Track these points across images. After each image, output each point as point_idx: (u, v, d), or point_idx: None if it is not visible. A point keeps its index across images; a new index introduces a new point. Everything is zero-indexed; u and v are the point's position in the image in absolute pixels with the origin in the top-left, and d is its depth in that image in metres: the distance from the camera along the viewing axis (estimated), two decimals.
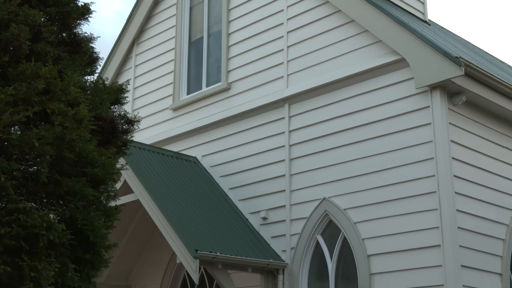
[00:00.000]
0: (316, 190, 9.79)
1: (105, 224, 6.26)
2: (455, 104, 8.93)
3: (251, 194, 10.68)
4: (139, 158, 10.51)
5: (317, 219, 9.67)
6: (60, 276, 5.70)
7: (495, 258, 8.94)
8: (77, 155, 5.96)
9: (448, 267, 8.19)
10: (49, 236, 5.46)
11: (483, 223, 8.92)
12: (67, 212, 5.97)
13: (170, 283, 11.57)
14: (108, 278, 11.75)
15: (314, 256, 9.73)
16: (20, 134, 5.67)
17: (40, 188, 5.82)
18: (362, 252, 9.03)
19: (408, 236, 8.66)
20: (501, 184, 9.42)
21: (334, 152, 9.73)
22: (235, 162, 11.06)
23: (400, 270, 8.64)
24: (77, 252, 6.03)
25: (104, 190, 6.33)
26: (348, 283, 9.27)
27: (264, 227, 10.34)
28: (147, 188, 9.76)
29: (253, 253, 9.69)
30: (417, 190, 8.71)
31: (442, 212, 8.40)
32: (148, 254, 12.04)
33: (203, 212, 10.17)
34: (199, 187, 10.87)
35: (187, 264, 8.80)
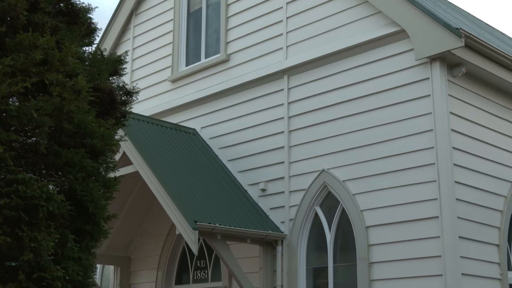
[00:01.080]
0: (315, 161, 9.81)
1: (104, 195, 6.28)
2: (454, 75, 8.90)
3: (250, 166, 10.69)
4: (138, 129, 10.50)
5: (316, 190, 9.70)
6: (60, 247, 5.72)
7: (492, 230, 8.99)
8: (75, 126, 5.95)
9: (446, 238, 8.23)
10: (48, 207, 5.48)
11: (481, 195, 8.95)
12: (66, 183, 5.98)
13: (170, 254, 11.63)
14: (108, 249, 11.82)
15: (313, 227, 9.77)
16: (19, 105, 5.65)
17: (39, 159, 5.82)
18: (360, 224, 9.07)
19: (406, 207, 8.69)
20: (500, 156, 9.43)
21: (333, 123, 9.72)
22: (234, 133, 11.06)
23: (398, 241, 8.68)
24: (77, 223, 6.05)
25: (103, 161, 6.33)
26: (347, 254, 9.33)
27: (263, 199, 10.37)
28: (146, 160, 9.76)
29: (252, 225, 9.73)
30: (416, 161, 8.72)
31: (440, 183, 8.41)
32: (147, 226, 12.10)
33: (202, 184, 10.20)
34: (198, 158, 10.88)
35: (186, 235, 8.84)
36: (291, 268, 9.68)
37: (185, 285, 11.41)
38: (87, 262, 6.17)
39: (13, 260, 5.70)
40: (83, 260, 6.07)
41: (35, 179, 5.70)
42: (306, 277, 9.64)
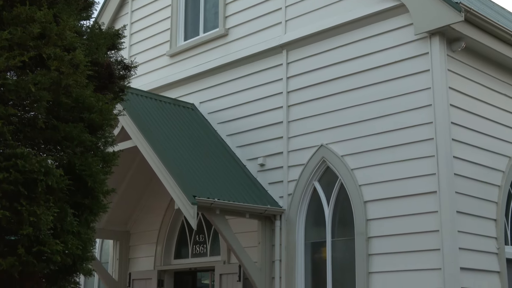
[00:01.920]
0: (314, 136, 9.80)
1: (103, 170, 6.28)
2: (454, 50, 8.86)
3: (249, 141, 10.69)
4: (137, 104, 10.48)
5: (314, 165, 9.71)
6: (59, 221, 5.74)
7: (490, 204, 9.02)
8: (74, 100, 5.94)
9: (444, 213, 8.26)
10: (47, 181, 5.49)
11: (480, 170, 8.96)
12: (65, 158, 5.98)
13: (169, 228, 11.68)
14: (107, 224, 11.87)
15: (311, 202, 9.80)
16: (16, 79, 5.64)
17: (37, 133, 5.82)
18: (359, 198, 9.09)
19: (405, 182, 8.71)
20: (498, 131, 9.42)
21: (332, 98, 9.71)
22: (233, 108, 11.05)
23: (396, 216, 8.71)
24: (76, 197, 6.06)
25: (102, 136, 6.33)
26: (345, 229, 9.37)
27: (262, 174, 10.39)
28: (144, 135, 9.76)
29: (251, 199, 9.76)
30: (414, 136, 8.72)
31: (439, 158, 8.42)
32: (146, 200, 12.13)
33: (201, 159, 10.20)
34: (197, 133, 10.87)
35: (185, 210, 8.86)
36: (290, 243, 9.73)
37: (184, 259, 11.47)
38: (86, 236, 6.20)
39: (12, 234, 5.73)
40: (82, 234, 6.10)
41: (33, 153, 5.71)
42: (304, 252, 9.69)
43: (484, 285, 8.55)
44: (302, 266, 9.63)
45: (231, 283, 10.15)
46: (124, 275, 11.98)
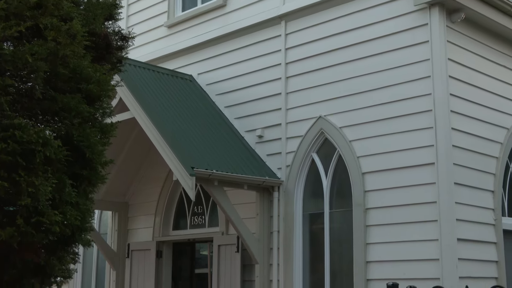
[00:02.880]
0: (312, 108, 9.79)
1: (101, 141, 6.27)
2: (453, 21, 8.81)
3: (247, 112, 10.68)
4: (134, 75, 10.45)
5: (312, 137, 9.71)
6: (58, 192, 5.74)
7: (488, 176, 9.04)
8: (71, 71, 5.90)
9: (442, 185, 8.28)
10: (45, 152, 5.47)
11: (478, 141, 8.97)
12: (62, 129, 5.96)
13: (167, 200, 11.71)
14: (106, 195, 11.90)
15: (309, 173, 9.82)
16: (13, 49, 5.59)
17: (35, 104, 5.79)
18: (357, 170, 9.11)
19: (403, 154, 8.72)
20: (497, 102, 9.41)
21: (330, 70, 9.67)
22: (231, 80, 11.01)
23: (394, 188, 8.73)
24: (74, 168, 6.05)
25: (100, 106, 6.30)
26: (343, 200, 9.40)
27: (260, 145, 10.39)
28: (142, 106, 9.74)
29: (249, 171, 9.77)
30: (413, 108, 8.70)
31: (437, 130, 8.42)
32: (145, 171, 12.14)
33: (199, 130, 10.20)
34: (195, 105, 10.85)
35: (184, 181, 8.88)
36: (288, 214, 9.77)
37: (182, 231, 11.52)
38: (85, 207, 6.21)
39: (11, 205, 5.73)
40: (80, 205, 6.10)
41: (31, 124, 5.69)
42: (302, 223, 9.73)
43: (481, 256, 8.60)
44: (300, 237, 9.68)
45: (230, 254, 10.21)
46: (123, 246, 12.05)
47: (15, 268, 5.81)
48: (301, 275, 9.58)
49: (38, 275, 6.02)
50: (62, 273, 6.25)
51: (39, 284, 6.01)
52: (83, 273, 13.15)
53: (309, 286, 9.59)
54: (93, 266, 12.97)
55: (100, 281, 12.76)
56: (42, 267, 6.02)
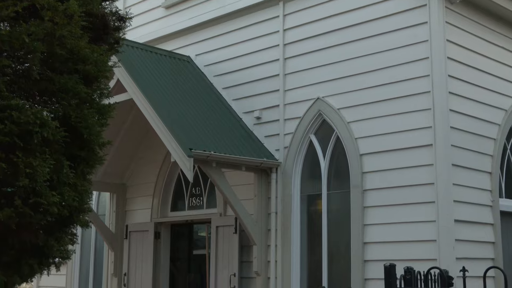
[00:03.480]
0: (310, 89, 9.77)
1: (98, 122, 6.26)
2: (452, 2, 8.77)
3: (245, 94, 10.66)
4: (132, 56, 10.41)
5: (310, 118, 9.70)
6: (55, 173, 5.75)
7: (485, 157, 9.05)
8: (68, 51, 5.88)
9: (439, 166, 8.29)
10: (42, 133, 5.47)
11: (476, 123, 8.97)
12: (60, 110, 5.95)
13: (165, 181, 11.72)
14: (104, 177, 11.91)
15: (307, 155, 9.82)
16: (10, 29, 5.57)
17: (32, 85, 5.78)
18: (354, 151, 9.11)
19: (401, 135, 8.71)
20: (495, 84, 9.40)
21: (328, 51, 9.64)
22: (229, 61, 10.97)
23: (391, 169, 8.74)
24: (72, 149, 6.05)
25: (97, 87, 6.29)
26: (340, 182, 9.41)
27: (258, 127, 10.39)
28: (140, 87, 9.71)
29: (247, 152, 9.78)
30: (411, 89, 8.69)
31: (435, 111, 8.41)
32: (143, 153, 12.14)
33: (197, 112, 10.18)
34: (193, 86, 10.83)
35: (181, 163, 8.88)
36: (286, 195, 9.78)
37: (180, 212, 11.55)
38: (83, 188, 6.22)
39: (8, 186, 5.73)
40: (78, 186, 6.11)
41: (28, 105, 5.68)
42: (300, 204, 9.75)
43: (478, 237, 8.64)
44: (297, 218, 9.70)
45: (228, 235, 10.24)
46: (121, 227, 12.08)
47: (13, 249, 5.83)
48: (299, 256, 9.61)
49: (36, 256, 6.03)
50: (60, 254, 6.27)
51: (37, 265, 6.03)
52: (81, 254, 13.19)
53: (307, 267, 9.64)
54: (91, 247, 13.00)
55: (99, 262, 12.80)
56: (40, 248, 6.03)
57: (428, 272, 6.08)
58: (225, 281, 10.14)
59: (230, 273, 10.07)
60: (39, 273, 6.30)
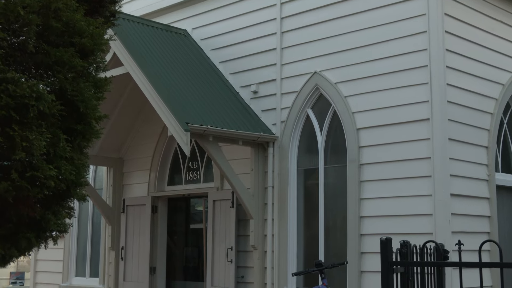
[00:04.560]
0: (307, 63, 9.74)
1: (95, 95, 6.23)
2: None
3: (242, 68, 10.62)
4: (128, 30, 10.34)
5: (307, 92, 9.68)
6: (52, 146, 5.74)
7: (482, 132, 9.06)
8: (64, 24, 5.83)
9: (436, 140, 8.30)
10: (39, 106, 5.45)
11: (473, 97, 8.96)
12: (56, 83, 5.92)
13: (162, 155, 11.72)
14: (101, 151, 11.91)
15: (304, 129, 9.82)
16: (4, 1, 5.52)
17: (27, 58, 5.74)
18: (351, 126, 9.11)
19: (398, 109, 8.71)
20: (493, 58, 9.38)
21: (326, 25, 9.59)
22: (226, 35, 10.92)
23: (388, 143, 8.75)
24: (68, 123, 6.03)
25: (93, 61, 6.25)
26: (337, 156, 9.42)
27: (255, 101, 10.37)
28: (136, 61, 9.67)
29: (244, 126, 9.77)
30: (408, 64, 8.66)
31: (432, 85, 8.40)
32: (139, 127, 12.13)
33: (194, 86, 10.15)
34: (190, 60, 10.78)
35: (178, 137, 8.87)
36: (282, 169, 9.80)
37: (177, 186, 11.57)
38: (80, 162, 6.21)
39: (5, 159, 5.72)
40: (75, 159, 6.10)
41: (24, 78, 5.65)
42: (297, 178, 9.77)
43: (474, 211, 8.68)
44: (294, 192, 9.73)
45: (224, 209, 10.27)
46: (118, 201, 12.10)
47: (10, 222, 5.84)
48: (295, 230, 9.66)
49: (33, 229, 6.05)
50: (58, 227, 6.28)
51: (34, 238, 6.04)
52: (79, 228, 13.24)
53: (303, 240, 9.68)
54: (89, 221, 13.04)
55: (96, 235, 12.85)
56: (38, 222, 6.05)
57: (424, 246, 6.11)
58: (222, 254, 10.19)
59: (227, 247, 10.12)
60: (36, 247, 6.32)
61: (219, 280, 10.22)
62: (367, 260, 8.69)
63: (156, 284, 11.47)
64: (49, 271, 13.54)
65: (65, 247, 13.10)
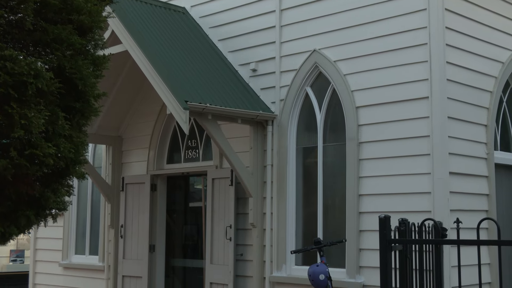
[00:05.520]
0: (307, 41, 9.70)
1: (93, 73, 6.23)
2: None
3: (241, 46, 10.58)
4: (127, 7, 10.29)
5: (307, 71, 9.66)
6: (51, 124, 5.74)
7: (481, 110, 9.05)
8: (62, 1, 5.82)
9: (435, 118, 8.29)
10: (37, 84, 5.44)
11: (472, 75, 8.94)
12: (54, 61, 5.91)
13: (161, 133, 11.72)
14: (100, 129, 11.90)
15: (303, 107, 9.81)
16: None
17: (25, 35, 5.73)
18: (350, 104, 9.10)
19: (397, 88, 8.69)
20: (493, 36, 9.33)
21: (325, 3, 9.54)
22: (225, 12, 10.86)
23: (387, 121, 8.74)
24: (67, 100, 6.04)
25: (92, 38, 6.24)
26: (336, 134, 9.42)
27: (254, 79, 10.34)
28: (135, 38, 9.62)
29: (243, 105, 9.75)
30: (408, 41, 8.63)
31: (432, 64, 8.37)
32: (138, 105, 12.11)
33: (193, 64, 10.12)
34: (188, 38, 10.73)
35: (177, 115, 8.86)
36: (281, 148, 9.80)
37: (176, 164, 11.58)
38: (79, 140, 6.22)
39: (4, 137, 5.73)
40: (74, 137, 6.11)
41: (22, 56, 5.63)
42: (295, 157, 9.77)
43: (472, 189, 8.70)
44: (293, 170, 9.74)
45: (224, 187, 10.29)
46: (117, 179, 12.12)
47: (10, 200, 5.86)
48: (294, 208, 9.68)
49: (33, 207, 6.08)
50: (57, 205, 6.31)
51: (34, 216, 6.07)
52: (78, 206, 13.28)
53: (302, 218, 9.72)
54: (88, 199, 13.08)
55: (95, 213, 12.89)
56: (37, 199, 6.07)
57: (422, 224, 6.14)
58: (221, 232, 10.23)
59: (226, 225, 10.16)
60: (36, 224, 6.35)
61: (218, 257, 10.27)
62: (366, 238, 8.72)
63: (155, 261, 11.54)
64: (49, 249, 13.61)
65: (64, 225, 13.15)
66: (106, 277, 12.15)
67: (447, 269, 7.67)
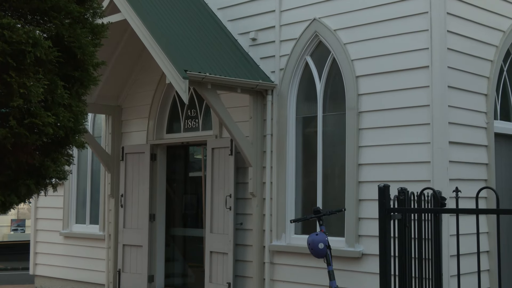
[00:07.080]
0: (307, 10, 9.63)
1: (92, 42, 6.20)
2: None
3: (241, 15, 10.51)
4: None
5: (306, 40, 9.60)
6: (50, 93, 5.73)
7: (482, 79, 9.02)
8: None
9: (435, 88, 8.27)
10: (35, 52, 5.42)
11: (473, 44, 8.89)
12: (53, 29, 5.88)
13: (160, 103, 11.69)
14: (99, 99, 11.87)
15: (303, 77, 9.77)
16: None
17: (23, 4, 5.69)
18: (350, 73, 9.06)
19: (397, 57, 8.65)
20: (493, 4, 9.26)
21: None
22: None
23: (388, 91, 8.72)
24: (66, 69, 6.02)
25: (90, 6, 6.20)
26: (336, 104, 9.40)
27: (253, 48, 10.29)
28: (134, 7, 9.55)
29: (243, 74, 9.72)
30: (408, 10, 8.56)
31: (432, 33, 8.32)
32: (137, 75, 12.07)
33: (192, 33, 10.06)
34: (188, 7, 10.66)
35: (177, 85, 8.83)
36: (281, 117, 9.79)
37: (176, 134, 11.57)
38: (78, 109, 6.22)
39: (3, 106, 5.72)
40: (73, 107, 6.11)
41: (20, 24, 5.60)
42: (295, 126, 9.77)
43: (472, 159, 8.71)
44: (293, 140, 9.74)
45: (223, 157, 10.30)
46: (117, 149, 12.13)
47: (9, 169, 5.88)
48: (294, 178, 9.70)
49: (33, 177, 6.09)
50: (57, 174, 6.33)
51: (34, 185, 6.09)
52: (78, 175, 13.31)
53: (302, 188, 9.74)
54: (88, 169, 13.10)
55: (95, 183, 12.93)
56: (37, 169, 6.08)
57: (421, 193, 6.15)
58: (221, 202, 10.27)
59: (226, 194, 10.19)
60: (36, 193, 6.37)
61: (218, 227, 10.32)
62: (365, 207, 8.76)
63: (155, 231, 11.60)
64: (50, 218, 13.68)
65: (65, 195, 13.19)
66: (106, 246, 12.23)
67: (446, 238, 7.70)
